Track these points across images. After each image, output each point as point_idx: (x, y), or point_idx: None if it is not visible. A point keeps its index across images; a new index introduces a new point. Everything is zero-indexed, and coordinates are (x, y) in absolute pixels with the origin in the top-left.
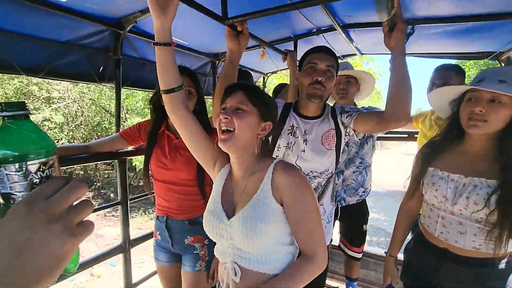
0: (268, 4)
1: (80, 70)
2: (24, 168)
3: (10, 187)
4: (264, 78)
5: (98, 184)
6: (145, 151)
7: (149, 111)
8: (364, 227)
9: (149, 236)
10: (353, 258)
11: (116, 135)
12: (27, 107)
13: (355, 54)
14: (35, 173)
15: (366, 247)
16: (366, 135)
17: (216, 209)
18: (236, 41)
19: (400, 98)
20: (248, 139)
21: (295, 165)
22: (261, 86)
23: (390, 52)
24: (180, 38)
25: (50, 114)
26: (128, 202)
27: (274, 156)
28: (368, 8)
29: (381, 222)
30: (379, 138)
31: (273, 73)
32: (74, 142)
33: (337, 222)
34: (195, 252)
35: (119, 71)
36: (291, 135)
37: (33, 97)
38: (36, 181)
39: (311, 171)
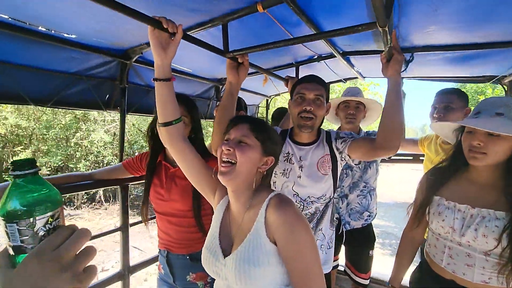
0: (269, 37)
1: (86, 98)
2: (34, 223)
3: (20, 240)
4: (267, 100)
5: (132, 196)
6: (145, 182)
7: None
8: (370, 252)
9: (149, 262)
10: (360, 285)
11: (119, 165)
12: (36, 165)
13: (357, 78)
14: (44, 226)
15: (374, 273)
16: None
17: (213, 245)
18: (236, 73)
19: (391, 128)
20: (248, 173)
21: (292, 191)
22: (265, 108)
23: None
24: (185, 66)
25: (102, 136)
26: (129, 228)
27: (272, 181)
28: (366, 38)
29: (391, 228)
30: (383, 160)
31: (276, 96)
32: (114, 158)
33: (343, 247)
34: None
35: (125, 98)
36: (287, 161)
37: (91, 120)
38: (44, 234)
39: (308, 197)
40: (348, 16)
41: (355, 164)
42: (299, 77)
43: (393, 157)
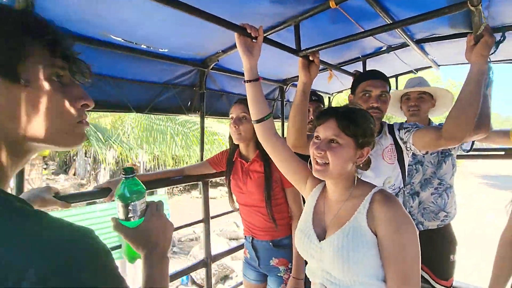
0: (338, 32)
1: (173, 104)
2: (143, 202)
3: (140, 212)
4: (329, 98)
5: None
6: (226, 178)
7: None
8: (452, 257)
9: (229, 252)
10: None
11: (205, 162)
12: (135, 171)
13: (430, 67)
14: (144, 203)
15: (458, 283)
16: (446, 153)
17: (307, 228)
18: (307, 72)
19: (462, 119)
20: (344, 169)
21: None
22: (327, 106)
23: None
24: None
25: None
26: (210, 220)
27: None
28: (441, 23)
29: None
30: (467, 157)
31: (338, 93)
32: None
33: None
34: (279, 274)
35: (203, 103)
36: None
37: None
38: (145, 207)
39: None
40: (423, 1)
41: (426, 159)
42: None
43: (480, 153)
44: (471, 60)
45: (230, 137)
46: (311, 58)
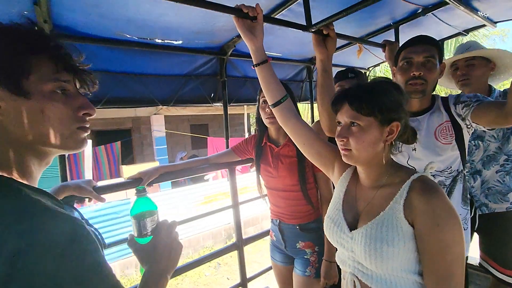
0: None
1: (197, 95)
2: (154, 219)
3: (150, 228)
4: (365, 73)
5: None
6: (255, 164)
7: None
8: None
9: (259, 236)
10: (506, 283)
11: (229, 150)
12: (146, 190)
13: (484, 25)
14: (156, 220)
15: None
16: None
17: (337, 216)
18: (323, 48)
19: None
20: (372, 152)
21: (408, 166)
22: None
23: None
24: (273, 51)
25: None
26: (239, 205)
27: None
28: None
29: None
30: None
31: (375, 66)
32: None
33: (475, 235)
34: (305, 257)
35: (225, 91)
36: None
37: None
38: (156, 224)
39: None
40: None
41: (487, 133)
42: (399, 40)
43: None
44: None
45: (258, 121)
46: (325, 32)
